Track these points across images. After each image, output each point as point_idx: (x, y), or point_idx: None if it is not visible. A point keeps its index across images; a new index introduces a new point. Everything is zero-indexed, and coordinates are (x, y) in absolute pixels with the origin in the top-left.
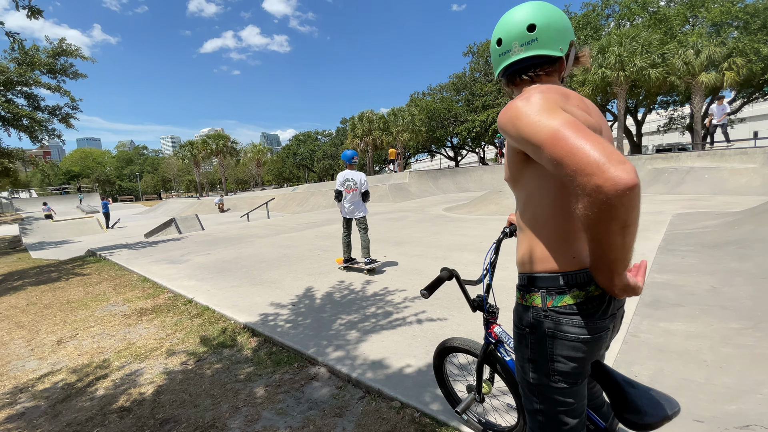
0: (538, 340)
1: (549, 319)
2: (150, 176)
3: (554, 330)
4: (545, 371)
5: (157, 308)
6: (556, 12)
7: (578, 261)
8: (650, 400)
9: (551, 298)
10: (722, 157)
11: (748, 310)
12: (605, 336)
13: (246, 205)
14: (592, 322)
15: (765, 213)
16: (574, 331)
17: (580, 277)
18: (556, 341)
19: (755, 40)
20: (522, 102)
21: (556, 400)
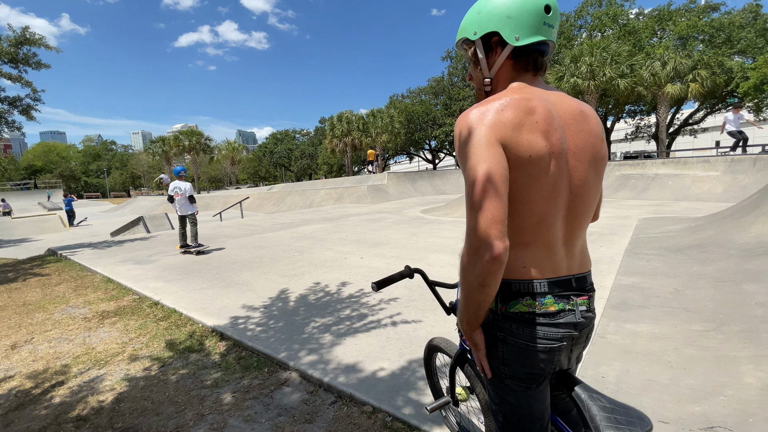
0: (492, 343)
1: (501, 323)
2: (118, 172)
3: (505, 334)
4: (498, 373)
5: (120, 311)
6: None
7: (528, 271)
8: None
9: (504, 303)
10: (685, 164)
11: (711, 312)
12: (559, 348)
13: (219, 204)
14: (542, 333)
15: (726, 219)
16: (523, 338)
17: (532, 286)
18: (506, 345)
19: (719, 54)
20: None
21: (510, 402)
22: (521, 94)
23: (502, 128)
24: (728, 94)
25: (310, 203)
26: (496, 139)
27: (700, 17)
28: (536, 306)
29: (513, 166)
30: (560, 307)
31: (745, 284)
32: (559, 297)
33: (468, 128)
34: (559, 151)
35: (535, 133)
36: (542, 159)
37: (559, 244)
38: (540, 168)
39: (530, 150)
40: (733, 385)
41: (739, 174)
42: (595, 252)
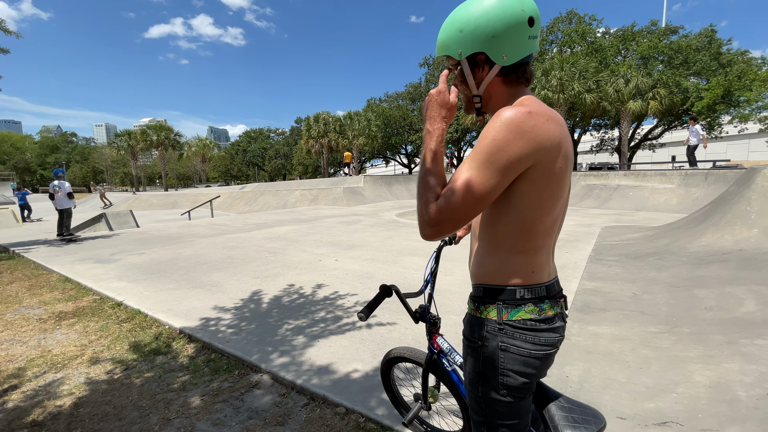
0: (490, 354)
1: (503, 332)
2: (78, 166)
3: (507, 344)
4: (494, 385)
5: (79, 312)
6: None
7: (536, 276)
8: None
9: (506, 312)
10: (644, 177)
11: (665, 315)
12: (554, 354)
13: (188, 202)
14: (544, 339)
15: (679, 229)
16: (527, 347)
17: (536, 291)
18: (508, 355)
19: (677, 74)
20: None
21: (501, 413)
22: (546, 108)
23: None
24: (684, 112)
25: (284, 204)
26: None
27: (661, 39)
28: (538, 312)
29: (545, 177)
30: (555, 311)
31: (696, 290)
32: (554, 301)
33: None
34: (570, 163)
35: (566, 152)
36: (565, 171)
37: (552, 248)
38: (563, 179)
39: (561, 163)
40: (684, 383)
41: (692, 187)
42: (562, 258)
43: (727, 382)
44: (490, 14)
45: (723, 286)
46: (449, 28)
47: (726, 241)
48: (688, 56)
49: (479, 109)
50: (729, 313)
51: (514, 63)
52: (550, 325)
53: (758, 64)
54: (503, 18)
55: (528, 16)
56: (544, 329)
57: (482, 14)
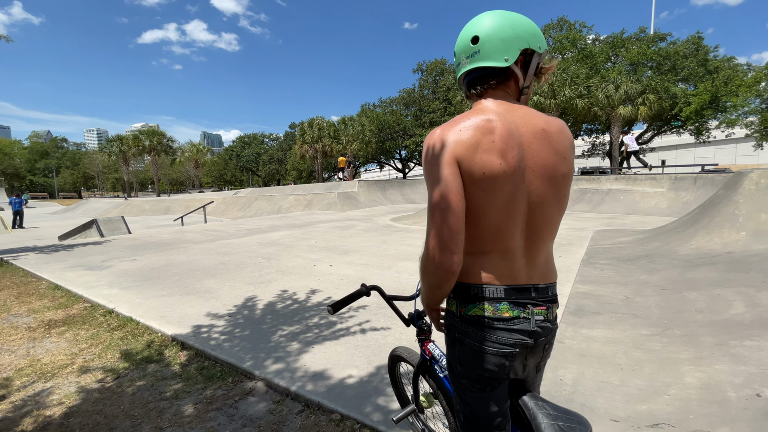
0: (451, 343)
1: (459, 325)
2: (69, 172)
3: (462, 336)
4: (456, 372)
5: (69, 320)
6: (506, 20)
7: (487, 277)
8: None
9: (463, 306)
10: (635, 181)
11: (656, 318)
12: (511, 354)
13: (181, 207)
14: (495, 337)
15: (670, 232)
16: (477, 341)
17: (489, 291)
18: (463, 347)
19: (666, 80)
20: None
21: (467, 401)
22: (484, 115)
23: (459, 148)
24: (673, 117)
25: (278, 209)
26: (453, 158)
27: (649, 46)
28: (491, 311)
29: (469, 182)
30: (515, 314)
31: (686, 292)
32: (515, 304)
33: (431, 146)
34: (515, 169)
35: (491, 153)
36: (497, 176)
37: (519, 254)
38: (495, 184)
39: (484, 168)
40: (675, 385)
41: (681, 191)
42: (555, 261)
43: (718, 383)
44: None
45: (713, 289)
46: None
47: (715, 243)
48: (675, 62)
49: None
50: (719, 314)
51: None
52: (505, 325)
53: (744, 70)
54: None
55: (453, 51)
56: (497, 327)
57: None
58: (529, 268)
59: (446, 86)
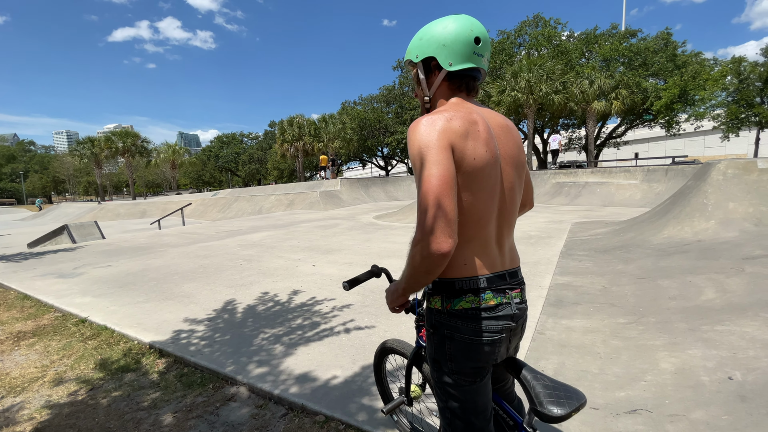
0: (440, 341)
1: (447, 320)
2: (38, 176)
3: (451, 331)
4: (446, 370)
5: (39, 331)
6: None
7: (469, 268)
8: (559, 395)
9: (449, 302)
10: (610, 174)
11: (632, 306)
12: (500, 340)
13: (157, 210)
14: (485, 326)
15: (643, 223)
16: (468, 333)
17: (473, 283)
18: (454, 342)
19: (637, 75)
20: (424, 127)
21: (458, 397)
22: (464, 108)
23: (452, 134)
24: (644, 111)
25: (259, 209)
26: (448, 143)
27: (621, 42)
28: (478, 302)
29: (461, 169)
30: (498, 301)
31: (660, 280)
32: (497, 291)
33: (421, 133)
34: (495, 157)
35: (479, 141)
36: (485, 164)
37: (493, 242)
38: (483, 172)
39: (474, 154)
40: (651, 371)
41: (654, 182)
42: (535, 254)
43: (691, 367)
44: (446, 28)
45: (684, 276)
46: (414, 38)
47: (686, 233)
48: (646, 58)
49: (428, 110)
50: (691, 301)
51: (459, 72)
52: (492, 313)
53: (711, 65)
54: (454, 32)
55: (475, 35)
56: (485, 317)
57: (439, 28)
58: (501, 254)
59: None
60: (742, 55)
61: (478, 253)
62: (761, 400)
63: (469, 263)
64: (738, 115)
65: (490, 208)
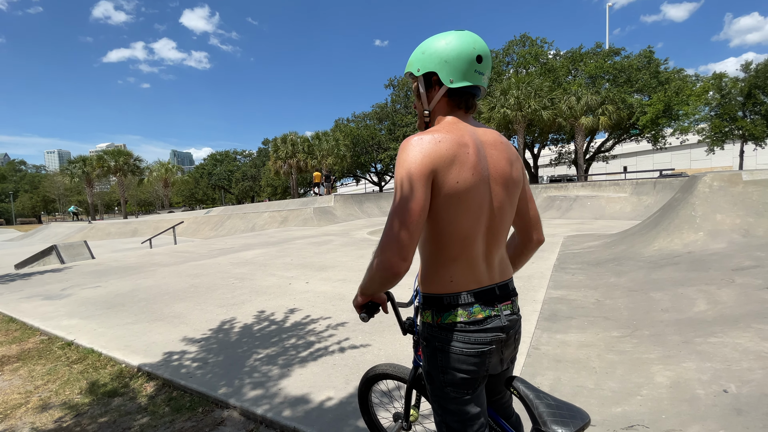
0: (432, 354)
1: (438, 334)
2: (27, 196)
3: (442, 343)
4: (439, 382)
5: (24, 355)
6: (436, 37)
7: (456, 284)
8: (563, 414)
9: (439, 316)
10: (600, 187)
11: (626, 319)
12: (489, 351)
13: (149, 229)
14: (474, 338)
15: (634, 235)
16: (459, 346)
17: (461, 298)
18: (444, 354)
19: (622, 91)
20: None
21: (451, 410)
22: (456, 130)
23: (437, 158)
24: (631, 126)
25: (253, 227)
26: (430, 167)
27: (605, 60)
28: (467, 315)
29: (443, 192)
30: (487, 314)
31: (652, 292)
32: (485, 305)
33: (408, 156)
34: (482, 178)
35: (465, 165)
36: (469, 187)
37: (480, 258)
38: (467, 195)
39: (458, 178)
40: (647, 385)
41: (643, 195)
42: (528, 268)
43: (687, 381)
44: (448, 44)
45: (676, 288)
46: (416, 51)
47: (676, 245)
48: (630, 75)
49: (427, 123)
50: (683, 313)
51: (459, 88)
52: (480, 326)
53: (693, 81)
54: (456, 48)
55: (477, 54)
56: (474, 330)
57: (442, 43)
58: (489, 270)
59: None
60: (723, 71)
61: (464, 271)
62: (757, 413)
63: (455, 280)
64: (722, 129)
65: (477, 228)
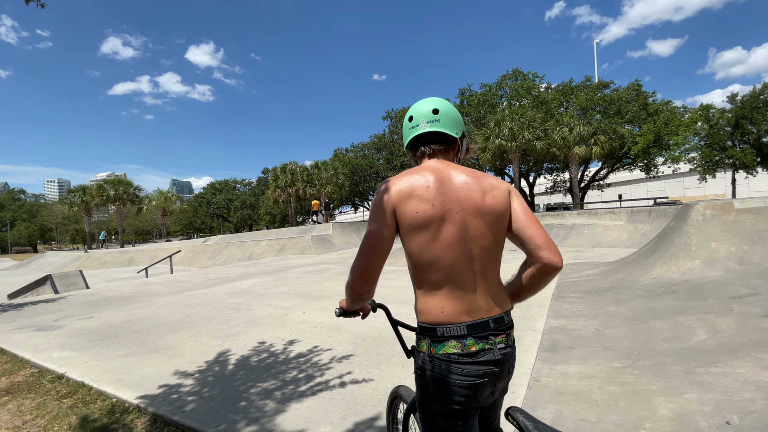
0: (425, 383)
1: (432, 364)
2: (24, 224)
3: (437, 374)
4: (431, 412)
5: (13, 389)
6: (453, 108)
7: (448, 315)
8: None
9: (434, 346)
10: (596, 215)
11: (626, 349)
12: (482, 384)
13: (145, 258)
14: (467, 371)
15: (632, 263)
16: (452, 378)
17: (455, 330)
18: (438, 384)
19: (613, 122)
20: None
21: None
22: (423, 170)
23: (395, 196)
24: (623, 156)
25: (250, 255)
26: (390, 202)
27: (596, 93)
28: (461, 347)
29: (405, 222)
30: (480, 347)
31: (652, 321)
32: (479, 338)
33: (379, 194)
34: (448, 210)
35: (424, 198)
36: (430, 217)
37: (470, 289)
38: (430, 223)
39: (417, 209)
40: (650, 418)
41: (639, 223)
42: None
43: (689, 413)
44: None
45: (675, 317)
46: None
47: (673, 273)
48: (620, 107)
49: None
50: (683, 343)
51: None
52: (473, 359)
53: (681, 112)
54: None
55: (408, 116)
56: (467, 362)
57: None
58: (483, 301)
59: None
60: (710, 103)
61: (454, 302)
62: None
63: (446, 310)
64: (712, 158)
65: (456, 256)
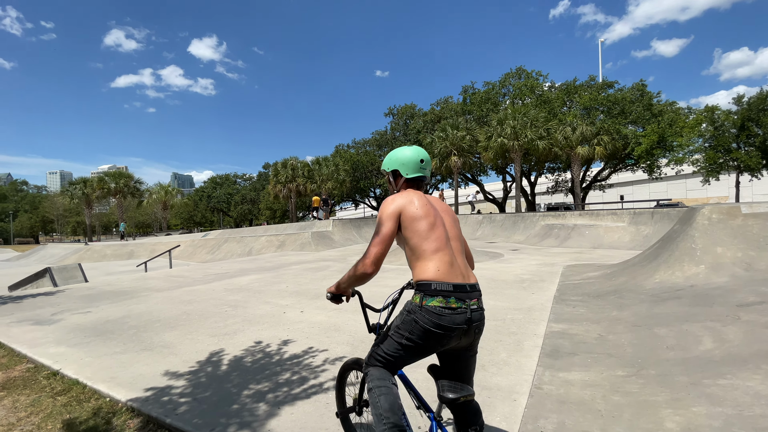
0: (409, 322)
1: (420, 311)
2: (27, 216)
3: (419, 318)
4: (402, 334)
5: (9, 384)
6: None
7: (442, 273)
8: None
9: (426, 299)
10: (598, 216)
11: (630, 357)
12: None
13: (145, 252)
14: (445, 322)
15: (635, 266)
16: (431, 325)
17: (444, 286)
18: (418, 325)
19: (617, 122)
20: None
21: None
22: (411, 193)
23: (401, 205)
24: (626, 156)
25: (249, 251)
26: (397, 212)
27: (599, 92)
28: (444, 302)
29: (407, 217)
30: (459, 306)
31: (656, 328)
32: (459, 299)
33: (386, 208)
34: (432, 213)
35: (417, 204)
36: (424, 212)
37: (455, 259)
38: (426, 215)
39: (414, 208)
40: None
41: (641, 225)
42: (528, 299)
43: (697, 427)
44: (405, 154)
45: (680, 324)
46: (386, 158)
47: (677, 277)
48: (624, 107)
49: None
50: (689, 352)
51: (412, 177)
52: (452, 313)
53: (686, 113)
54: (410, 156)
55: (420, 158)
56: (446, 314)
57: (401, 154)
58: (464, 271)
59: (416, 129)
60: (715, 104)
61: (445, 265)
62: None
63: (441, 269)
64: (716, 160)
65: (443, 235)
